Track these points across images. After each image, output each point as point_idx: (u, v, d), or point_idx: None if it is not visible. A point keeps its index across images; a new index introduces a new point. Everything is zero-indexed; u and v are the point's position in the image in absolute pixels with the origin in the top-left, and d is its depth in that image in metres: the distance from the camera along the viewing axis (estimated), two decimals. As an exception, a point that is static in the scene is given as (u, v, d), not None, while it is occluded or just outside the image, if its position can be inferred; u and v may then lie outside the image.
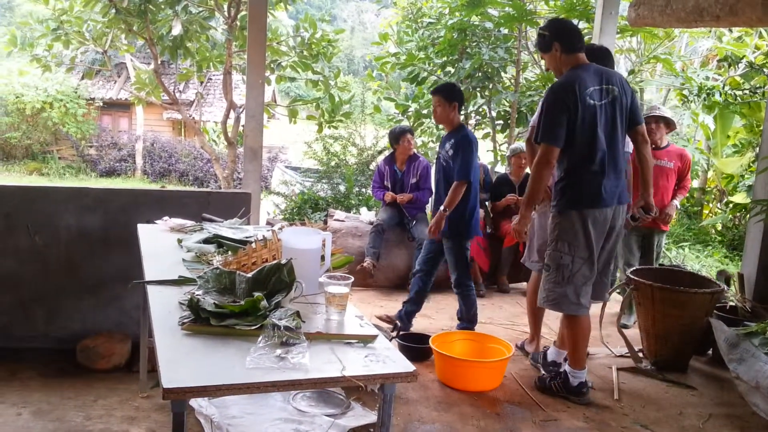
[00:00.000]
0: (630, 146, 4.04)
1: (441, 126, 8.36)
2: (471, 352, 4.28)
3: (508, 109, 9.01)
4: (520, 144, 7.16)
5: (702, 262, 8.59)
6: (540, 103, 3.70)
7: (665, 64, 9.33)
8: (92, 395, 3.61)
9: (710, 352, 4.68)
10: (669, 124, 5.48)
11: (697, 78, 8.78)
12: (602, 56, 4.02)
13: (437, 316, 5.56)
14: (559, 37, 3.70)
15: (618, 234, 3.77)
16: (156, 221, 3.53)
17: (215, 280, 2.34)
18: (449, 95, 4.61)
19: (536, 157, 3.63)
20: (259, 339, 1.92)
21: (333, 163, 9.34)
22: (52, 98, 18.57)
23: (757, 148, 6.25)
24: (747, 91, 8.34)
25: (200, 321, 2.03)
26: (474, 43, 8.72)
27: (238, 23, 8.44)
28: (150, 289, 2.40)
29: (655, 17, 5.72)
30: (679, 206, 5.46)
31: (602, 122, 3.57)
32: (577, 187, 3.62)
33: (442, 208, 4.51)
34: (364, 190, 8.80)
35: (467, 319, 4.75)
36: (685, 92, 9.11)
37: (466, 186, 4.52)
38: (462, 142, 4.52)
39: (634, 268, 4.68)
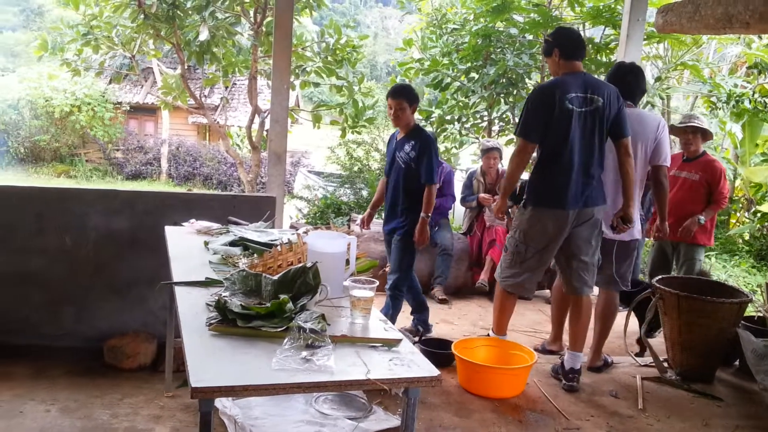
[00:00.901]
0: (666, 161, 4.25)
1: (464, 132, 8.39)
2: (493, 358, 4.26)
3: (532, 115, 8.97)
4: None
5: (729, 272, 8.49)
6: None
7: (693, 70, 9.26)
8: (118, 394, 3.65)
9: (737, 363, 4.62)
10: (706, 135, 5.35)
11: (726, 85, 8.70)
12: (630, 72, 4.27)
13: (459, 322, 5.55)
14: (560, 43, 3.90)
15: (588, 232, 3.92)
16: (183, 223, 3.57)
17: (242, 282, 2.37)
18: (413, 97, 4.53)
19: (515, 148, 3.94)
20: (285, 341, 1.94)
21: (356, 168, 9.38)
22: (81, 102, 18.86)
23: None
24: (777, 99, 8.25)
25: (227, 322, 2.06)
26: (498, 49, 8.72)
27: (264, 29, 8.52)
28: (178, 290, 2.43)
29: (683, 24, 5.67)
30: (702, 221, 5.16)
31: (577, 128, 3.75)
32: (541, 185, 3.89)
33: (423, 214, 4.45)
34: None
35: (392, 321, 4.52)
36: (713, 99, 9.03)
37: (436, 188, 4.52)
38: (427, 145, 4.46)
39: (659, 277, 4.63)
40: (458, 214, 8.78)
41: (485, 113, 9.31)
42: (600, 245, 4.03)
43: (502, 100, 8.99)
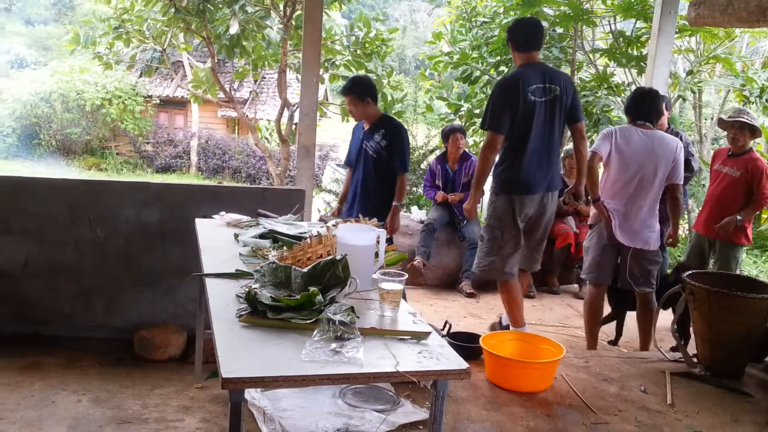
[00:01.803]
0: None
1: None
2: (521, 352, 4.25)
3: (561, 109, 8.91)
4: (574, 145, 7.09)
5: (760, 268, 8.36)
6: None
7: (725, 64, 9.10)
8: (149, 384, 3.71)
9: (767, 359, 4.56)
10: (754, 132, 5.22)
11: (759, 79, 8.54)
12: (648, 95, 4.57)
13: (486, 315, 5.55)
14: (513, 37, 4.17)
15: (550, 216, 4.26)
16: (213, 216, 3.61)
17: (271, 274, 2.39)
18: (360, 93, 4.53)
19: (484, 142, 4.14)
20: (315, 333, 1.96)
21: (384, 162, 9.37)
22: (111, 95, 19.09)
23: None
24: (811, 93, 8.08)
25: (257, 314, 2.08)
26: (528, 42, 8.65)
27: (293, 22, 8.55)
28: (208, 281, 2.46)
29: (716, 17, 5.58)
30: (740, 221, 5.09)
31: (540, 117, 3.99)
32: (509, 174, 4.10)
33: (396, 203, 4.51)
34: (415, 189, 8.82)
35: None
36: (746, 93, 8.87)
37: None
38: (397, 133, 4.48)
39: (690, 272, 4.58)
40: (485, 207, 8.76)
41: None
42: None
43: (531, 94, 8.93)
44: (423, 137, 9.82)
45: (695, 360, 4.50)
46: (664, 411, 3.81)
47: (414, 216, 7.02)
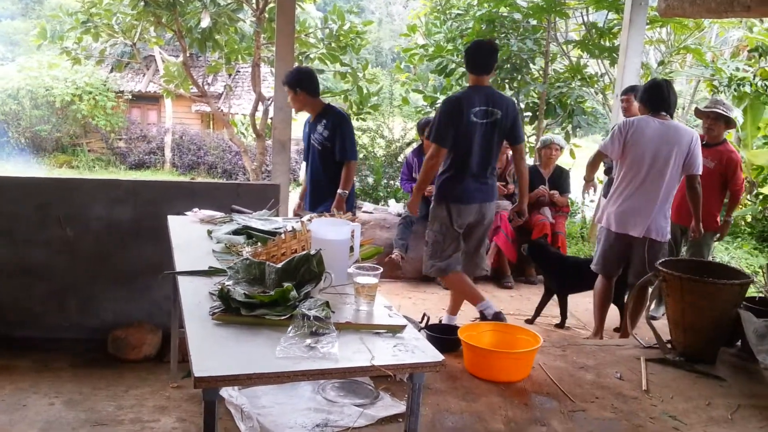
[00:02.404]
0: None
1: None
2: (499, 343, 4.27)
3: (536, 100, 8.96)
4: (550, 136, 7.13)
5: (731, 254, 8.48)
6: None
7: (695, 54, 9.21)
8: (123, 385, 3.67)
9: (739, 343, 4.62)
10: (729, 123, 5.29)
11: (727, 69, 8.65)
12: (670, 88, 4.64)
13: (465, 307, 5.54)
14: (466, 56, 4.41)
15: (488, 224, 4.52)
16: (186, 213, 3.57)
17: (245, 270, 2.37)
18: (292, 84, 4.55)
19: (429, 152, 4.39)
20: (289, 329, 1.94)
21: (361, 155, 9.36)
22: (82, 91, 18.78)
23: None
24: (779, 82, 8.20)
25: (230, 311, 2.06)
26: (502, 35, 8.68)
27: (267, 15, 8.49)
28: (181, 279, 2.44)
29: (686, 8, 5.64)
30: (731, 220, 5.32)
31: (479, 137, 4.26)
32: (447, 185, 4.38)
33: (340, 191, 4.55)
34: (392, 182, 8.82)
35: None
36: (715, 83, 8.98)
37: (356, 165, 4.59)
38: (338, 122, 4.51)
39: (663, 259, 4.63)
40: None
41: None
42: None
43: (507, 86, 8.96)
44: (399, 130, 9.81)
45: (669, 346, 4.55)
46: (640, 397, 3.85)
47: (391, 209, 7.02)
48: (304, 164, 4.95)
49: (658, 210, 4.57)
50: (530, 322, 5.22)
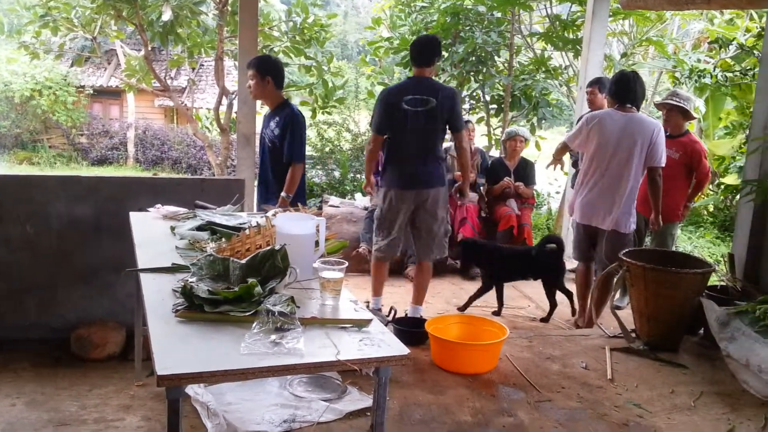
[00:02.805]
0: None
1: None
2: (466, 335, 4.30)
3: (501, 93, 9.00)
4: (515, 128, 7.17)
5: (694, 243, 8.63)
6: None
7: (657, 46, 9.33)
8: (87, 385, 3.61)
9: (701, 331, 4.71)
10: (686, 114, 5.31)
11: (689, 61, 8.78)
12: (636, 80, 4.73)
13: (433, 300, 5.57)
14: (410, 49, 4.68)
15: (430, 209, 4.57)
16: (148, 209, 3.51)
17: (209, 266, 2.34)
18: (261, 68, 4.40)
19: (368, 140, 4.74)
20: (254, 325, 1.92)
21: (327, 149, 9.32)
22: (41, 86, 18.38)
23: (748, 130, 6.26)
24: (738, 73, 8.34)
25: (194, 308, 2.03)
26: (467, 27, 8.70)
27: (229, 8, 8.39)
28: (143, 277, 2.40)
29: (647, 0, 5.71)
30: (692, 206, 5.38)
31: (413, 125, 4.43)
32: (387, 171, 4.60)
33: (284, 194, 4.35)
34: (358, 175, 8.80)
35: None
36: (677, 75, 9.12)
37: (303, 167, 4.48)
38: (290, 121, 4.37)
39: (626, 250, 4.69)
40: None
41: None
42: (447, 216, 4.77)
43: (472, 78, 8.98)
44: (365, 123, 9.79)
45: (634, 335, 4.62)
46: (605, 386, 3.91)
47: (358, 203, 7.00)
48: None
49: (622, 202, 4.63)
50: (462, 309, 5.27)
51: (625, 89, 4.69)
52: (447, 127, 4.58)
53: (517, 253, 5.48)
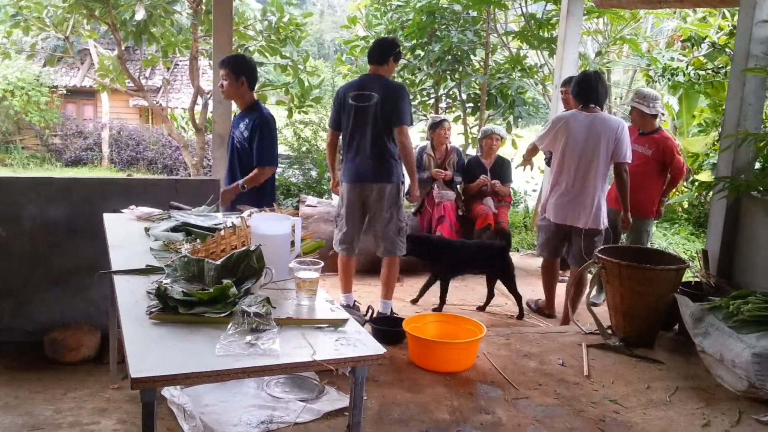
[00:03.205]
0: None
1: (422, 108, 8.42)
2: (444, 333, 4.31)
3: (478, 91, 9.03)
4: (491, 126, 7.20)
5: (669, 240, 8.72)
6: None
7: (631, 45, 9.42)
8: (62, 388, 3.56)
9: (676, 327, 4.77)
10: (651, 116, 5.44)
11: (662, 59, 8.87)
12: (599, 80, 4.91)
13: (410, 298, 5.58)
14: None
15: (381, 205, 4.68)
16: (122, 210, 3.48)
17: (183, 268, 2.32)
18: (236, 68, 4.35)
19: None
20: (229, 326, 1.91)
21: (304, 149, 9.29)
22: (13, 86, 18.12)
23: (720, 127, 6.34)
24: (710, 72, 8.44)
25: (168, 309, 2.02)
26: (443, 26, 8.72)
27: (204, 7, 8.33)
28: (117, 279, 2.37)
29: (621, -1, 5.77)
30: (667, 200, 5.53)
31: (358, 119, 4.61)
32: (343, 165, 4.82)
33: (240, 182, 4.34)
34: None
35: None
36: (651, 73, 9.21)
37: (273, 171, 4.47)
38: (260, 123, 4.32)
39: (602, 247, 4.74)
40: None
41: (432, 90, 9.32)
42: (402, 214, 4.80)
43: (449, 77, 9.00)
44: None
45: (610, 332, 4.66)
46: (582, 382, 3.94)
47: (335, 202, 6.97)
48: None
49: (594, 200, 4.78)
50: (414, 302, 5.41)
51: (587, 89, 4.84)
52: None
53: (464, 247, 5.47)
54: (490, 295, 5.44)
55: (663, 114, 5.80)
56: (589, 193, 4.79)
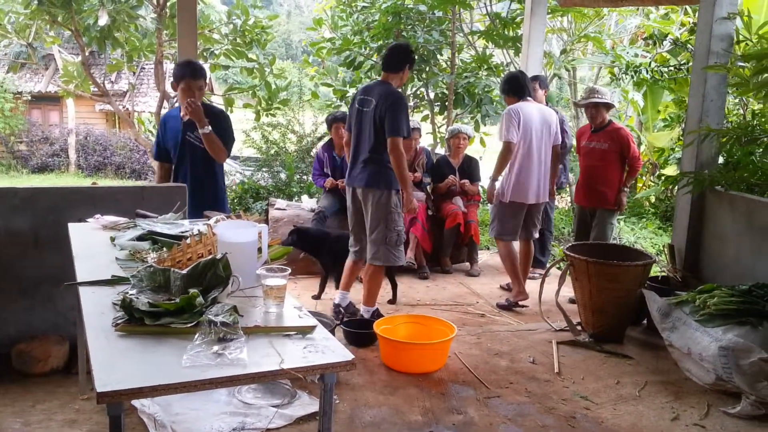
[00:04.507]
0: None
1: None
2: (415, 334, 4.32)
3: (445, 91, 9.06)
4: (458, 125, 7.23)
5: (637, 234, 8.83)
6: None
7: (595, 42, 9.52)
8: (30, 400, 3.51)
9: (645, 321, 4.84)
10: (608, 106, 5.64)
11: (626, 56, 8.97)
12: (525, 77, 5.51)
13: (381, 300, 5.58)
14: None
15: (364, 209, 4.71)
16: (88, 219, 3.44)
17: (149, 278, 2.30)
18: (204, 76, 4.44)
19: None
20: (196, 336, 1.90)
21: (272, 152, 9.23)
22: (-24, 93, 17.82)
23: (684, 123, 6.45)
24: (673, 68, 8.57)
25: (134, 321, 2.00)
26: (409, 27, 8.73)
27: (168, 12, 8.25)
28: (82, 290, 2.35)
29: (583, -3, 5.84)
30: (627, 190, 5.64)
31: (360, 123, 4.66)
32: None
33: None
34: (305, 177, 8.74)
35: None
36: (616, 70, 9.31)
37: None
38: (221, 119, 4.43)
39: (569, 245, 4.80)
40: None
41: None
42: (391, 223, 4.65)
43: (416, 77, 9.02)
44: (311, 124, 9.73)
45: (579, 328, 4.71)
46: (552, 379, 3.98)
47: (305, 204, 6.97)
48: (162, 164, 4.65)
49: (543, 178, 5.36)
50: (316, 298, 5.44)
51: (519, 86, 5.34)
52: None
53: (341, 238, 5.35)
54: (396, 291, 5.63)
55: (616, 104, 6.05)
56: (543, 172, 5.33)
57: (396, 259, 4.69)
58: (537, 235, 5.65)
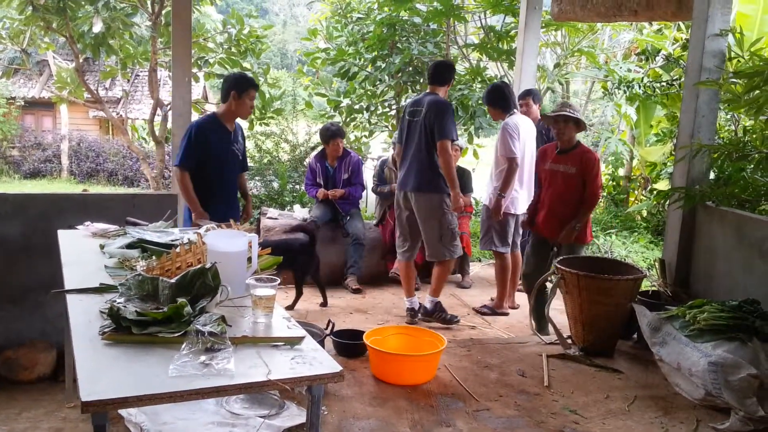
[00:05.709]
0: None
1: (374, 121, 8.50)
2: (405, 346, 4.31)
3: (438, 102, 9.07)
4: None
5: (628, 248, 8.85)
6: None
7: (589, 57, 9.57)
8: (16, 408, 3.49)
9: (635, 336, 4.84)
10: (579, 124, 4.89)
11: (620, 70, 9.01)
12: (509, 88, 5.63)
13: (373, 311, 5.58)
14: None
15: (419, 211, 5.05)
16: (78, 227, 3.42)
17: (137, 286, 2.29)
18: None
19: None
20: (183, 346, 1.89)
21: (266, 160, 9.24)
22: (-31, 98, 17.77)
23: (675, 138, 6.47)
24: (665, 84, 8.61)
25: (121, 330, 1.99)
26: (404, 38, 8.76)
27: (163, 19, 8.26)
28: (70, 298, 2.34)
29: (577, 12, 5.88)
30: (578, 227, 4.82)
31: (410, 132, 5.07)
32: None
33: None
34: (297, 186, 8.74)
35: None
36: (609, 84, 9.35)
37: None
38: (242, 131, 4.84)
39: (561, 258, 4.78)
40: (370, 203, 8.80)
41: (393, 101, 9.36)
42: (444, 222, 5.04)
43: (410, 88, 9.05)
44: (304, 134, 9.74)
45: (570, 341, 4.71)
46: (542, 393, 3.97)
47: (297, 214, 6.96)
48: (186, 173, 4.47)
49: (531, 189, 5.49)
50: (290, 308, 5.30)
51: (505, 97, 5.42)
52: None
53: (305, 246, 5.41)
54: (298, 293, 5.40)
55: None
56: (533, 182, 5.47)
57: (453, 252, 5.12)
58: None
